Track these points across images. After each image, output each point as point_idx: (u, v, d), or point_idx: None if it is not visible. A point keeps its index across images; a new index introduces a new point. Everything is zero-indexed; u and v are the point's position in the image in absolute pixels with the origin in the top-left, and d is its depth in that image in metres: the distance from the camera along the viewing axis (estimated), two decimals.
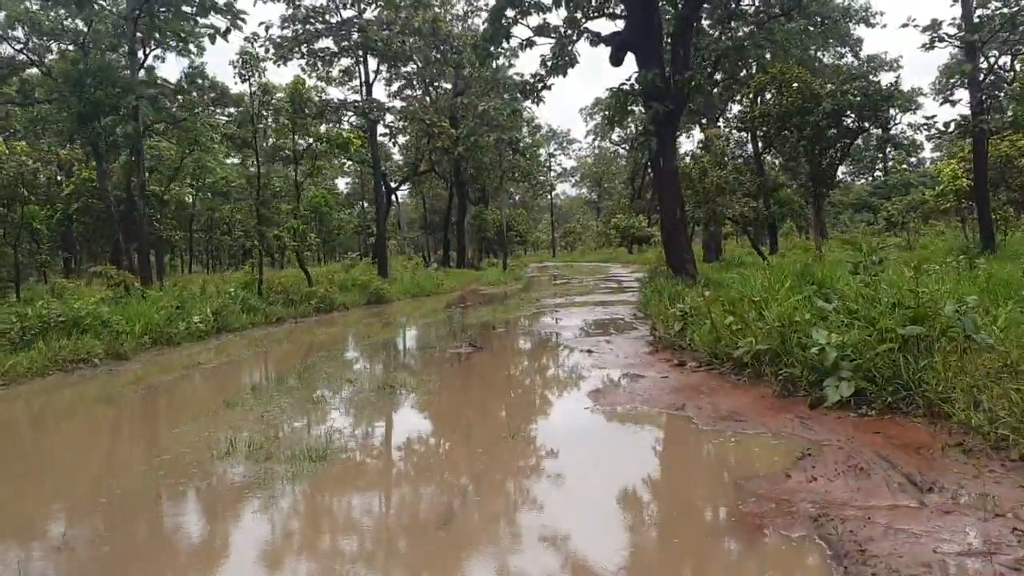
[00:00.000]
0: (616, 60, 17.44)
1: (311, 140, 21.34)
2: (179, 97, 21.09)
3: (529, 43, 17.18)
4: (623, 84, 16.99)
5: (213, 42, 19.91)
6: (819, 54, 45.95)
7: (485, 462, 5.64)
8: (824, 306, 7.50)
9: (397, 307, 22.59)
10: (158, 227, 37.50)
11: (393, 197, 56.12)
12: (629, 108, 17.34)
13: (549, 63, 16.52)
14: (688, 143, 70.65)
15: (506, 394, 8.77)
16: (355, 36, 26.68)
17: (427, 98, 44.55)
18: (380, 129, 29.72)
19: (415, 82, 45.82)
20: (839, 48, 48.48)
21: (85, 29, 23.05)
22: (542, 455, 5.85)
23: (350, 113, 27.84)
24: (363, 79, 28.29)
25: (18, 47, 22.85)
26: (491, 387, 9.11)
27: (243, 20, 17.91)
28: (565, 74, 16.58)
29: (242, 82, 19.72)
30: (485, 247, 56.51)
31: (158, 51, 29.62)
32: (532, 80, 17.19)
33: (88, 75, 18.55)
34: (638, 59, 16.87)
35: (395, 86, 45.32)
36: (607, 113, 17.24)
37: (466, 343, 12.06)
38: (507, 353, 11.89)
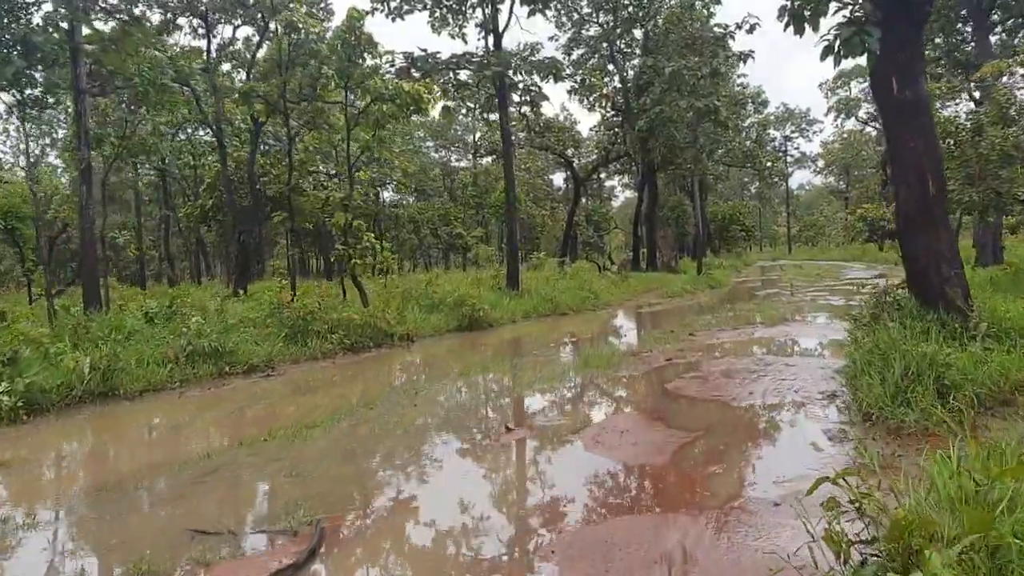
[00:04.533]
0: None
1: (368, 98, 15.01)
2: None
3: None
4: None
5: None
6: None
7: None
8: None
9: (484, 339, 15.65)
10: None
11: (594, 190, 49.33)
12: None
13: None
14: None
15: None
16: None
17: (610, 65, 36.74)
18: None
19: (603, 46, 38.28)
20: None
21: None
22: None
23: (467, 71, 21.02)
24: (489, 27, 21.46)
25: None
26: None
27: None
28: None
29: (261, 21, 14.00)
30: (690, 245, 47.20)
31: None
32: None
33: None
34: None
35: (575, 54, 38.22)
36: (790, 3, 8.73)
37: (315, 522, 4.84)
38: None
